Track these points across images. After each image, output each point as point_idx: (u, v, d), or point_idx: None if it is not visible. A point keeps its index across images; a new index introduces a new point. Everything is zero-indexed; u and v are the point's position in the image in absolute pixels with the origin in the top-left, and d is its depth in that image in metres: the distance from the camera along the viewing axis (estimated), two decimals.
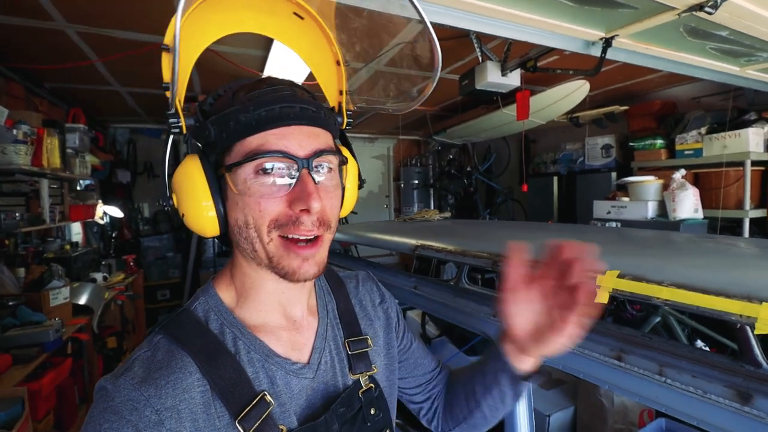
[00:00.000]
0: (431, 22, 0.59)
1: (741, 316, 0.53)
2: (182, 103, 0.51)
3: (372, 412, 0.58)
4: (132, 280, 3.58)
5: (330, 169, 0.52)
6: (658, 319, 1.96)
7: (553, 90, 3.09)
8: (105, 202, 3.75)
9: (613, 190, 3.36)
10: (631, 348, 0.69)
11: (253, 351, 0.52)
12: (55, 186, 2.80)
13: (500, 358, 0.61)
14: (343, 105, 0.61)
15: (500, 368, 0.61)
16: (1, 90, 2.60)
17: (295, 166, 0.48)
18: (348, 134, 0.62)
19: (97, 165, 3.46)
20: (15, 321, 1.89)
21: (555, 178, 4.21)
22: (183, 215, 0.51)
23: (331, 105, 0.62)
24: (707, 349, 1.90)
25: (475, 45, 2.31)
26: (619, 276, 0.68)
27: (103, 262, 3.27)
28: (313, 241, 0.50)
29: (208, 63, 2.66)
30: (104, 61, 2.62)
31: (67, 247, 3.02)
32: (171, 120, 0.49)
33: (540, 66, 2.27)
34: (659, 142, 3.17)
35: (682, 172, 2.70)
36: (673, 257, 0.85)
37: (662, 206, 2.79)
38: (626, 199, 3.00)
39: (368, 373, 0.61)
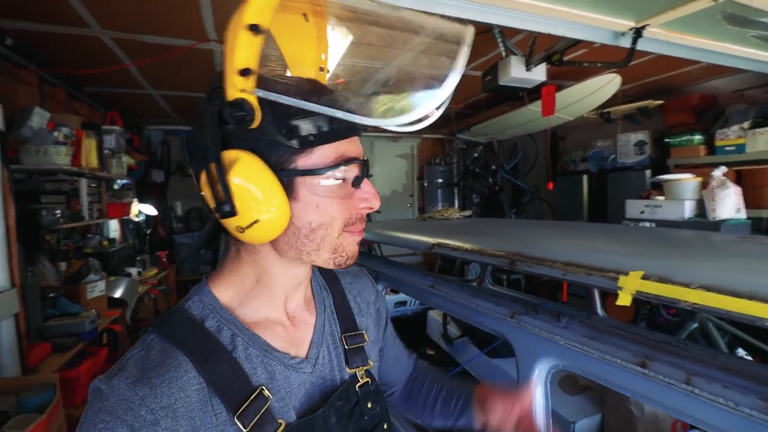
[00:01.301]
0: (454, 18, 0.58)
1: None
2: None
3: (369, 405, 0.59)
4: (164, 275, 3.74)
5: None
6: (695, 325, 1.85)
7: (582, 84, 2.98)
8: (140, 201, 3.93)
9: (647, 189, 3.21)
10: (656, 354, 0.65)
11: (252, 347, 0.52)
12: (93, 185, 2.95)
13: (469, 406, 0.73)
14: None
15: (466, 412, 0.73)
16: (45, 95, 2.76)
17: (361, 172, 0.52)
18: (371, 134, 0.63)
19: (132, 165, 3.63)
20: (55, 312, 2.02)
21: (585, 177, 4.06)
22: (254, 222, 0.46)
23: None
24: (749, 358, 1.78)
25: (499, 40, 2.26)
26: (644, 277, 0.65)
27: (137, 258, 3.42)
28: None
29: None
30: (137, 65, 2.74)
31: (105, 243, 3.18)
32: (238, 113, 0.43)
33: (566, 60, 2.19)
34: (697, 137, 3.00)
35: (723, 169, 2.54)
36: (704, 258, 0.80)
37: (701, 206, 2.64)
38: (661, 198, 2.85)
39: (364, 368, 0.62)
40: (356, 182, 0.52)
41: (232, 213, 0.45)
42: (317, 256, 0.52)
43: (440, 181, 5.94)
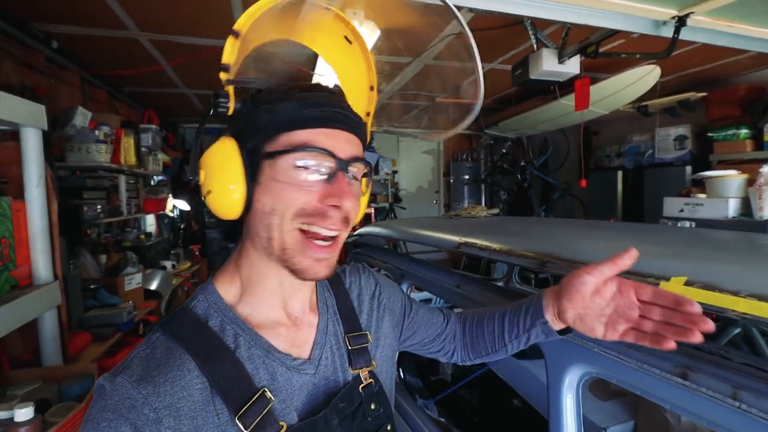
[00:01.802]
0: (484, 10, 0.61)
1: None
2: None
3: (372, 407, 0.58)
4: (197, 268, 3.87)
5: (356, 179, 0.55)
6: (737, 330, 1.74)
7: (618, 77, 2.85)
8: (175, 197, 4.07)
9: (687, 186, 3.05)
10: (699, 365, 0.61)
11: (254, 347, 0.52)
12: (131, 181, 3.09)
13: (540, 310, 0.65)
14: (368, 127, 0.64)
15: (538, 318, 0.66)
16: (87, 95, 2.91)
17: (334, 167, 0.51)
18: (396, 129, 0.66)
19: (167, 162, 3.77)
20: (95, 302, 2.12)
21: (619, 173, 3.90)
22: (208, 192, 0.52)
23: None
24: None
25: (530, 32, 2.19)
26: (687, 283, 0.61)
27: (172, 251, 3.55)
28: (331, 242, 0.52)
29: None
30: (172, 65, 2.83)
31: (142, 236, 3.32)
32: (220, 99, 0.51)
33: (602, 51, 2.10)
34: (744, 131, 2.82)
35: None
36: (751, 263, 0.74)
37: (746, 204, 2.48)
38: (703, 195, 2.70)
39: (368, 368, 0.61)
40: (330, 177, 0.51)
41: (194, 181, 0.53)
42: (275, 250, 0.51)
43: (467, 177, 5.85)
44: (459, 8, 1.40)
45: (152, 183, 3.78)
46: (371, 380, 0.60)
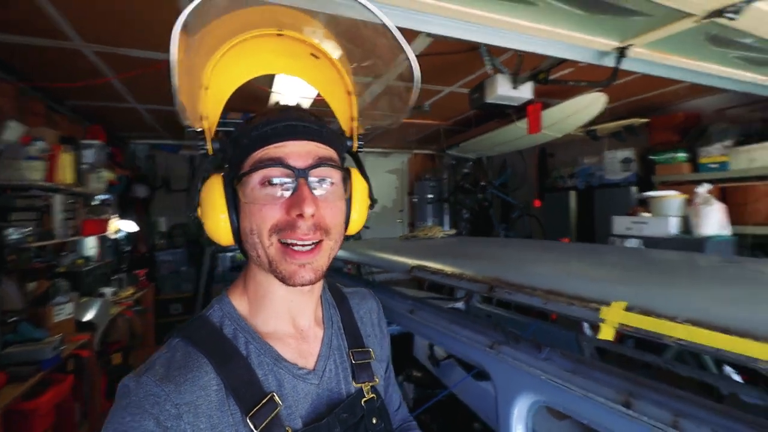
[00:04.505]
0: (440, 36, 0.66)
1: None
2: (212, 133, 0.58)
3: (374, 421, 0.60)
4: (142, 294, 3.60)
5: (332, 183, 0.57)
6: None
7: (569, 102, 3.00)
8: (123, 217, 3.81)
9: (633, 206, 3.21)
10: (641, 391, 0.60)
11: (263, 355, 0.56)
12: (70, 201, 2.86)
13: None
14: (354, 130, 0.67)
15: None
16: (23, 107, 2.69)
17: (293, 176, 0.53)
18: (362, 149, 0.69)
19: (112, 180, 3.53)
20: (15, 337, 1.89)
21: (573, 193, 4.06)
22: (204, 224, 0.57)
23: (344, 130, 0.69)
24: (738, 377, 1.74)
25: (485, 58, 2.26)
26: (627, 309, 0.60)
27: (113, 277, 3.30)
28: (312, 247, 0.54)
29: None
30: (120, 78, 2.69)
31: (80, 261, 3.07)
32: (199, 143, 0.57)
33: (552, 78, 2.19)
34: (681, 155, 3.02)
35: (707, 186, 2.54)
36: (691, 285, 0.76)
37: (686, 222, 2.64)
38: (647, 214, 2.85)
39: (371, 384, 0.63)
40: (295, 189, 0.53)
41: (195, 217, 0.57)
42: (265, 265, 0.55)
43: (430, 196, 5.91)
44: (417, 32, 1.42)
45: (95, 203, 3.53)
46: (373, 395, 0.62)
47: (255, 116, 0.58)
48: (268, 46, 0.64)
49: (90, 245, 3.54)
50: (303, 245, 0.53)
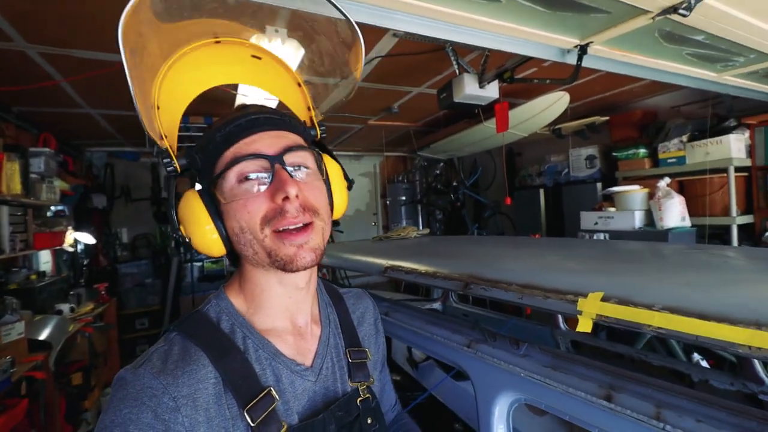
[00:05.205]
0: (406, 33, 0.66)
1: (750, 348, 0.43)
2: (175, 150, 0.58)
3: (369, 421, 0.61)
4: (103, 309, 3.39)
5: (308, 168, 0.57)
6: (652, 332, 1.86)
7: (534, 102, 3.07)
8: (79, 229, 3.58)
9: (599, 201, 3.31)
10: (622, 384, 0.59)
11: (261, 349, 0.56)
12: (18, 213, 2.65)
13: None
14: (314, 118, 0.68)
15: None
16: None
17: (268, 165, 0.53)
18: (325, 135, 0.68)
19: (66, 190, 3.31)
20: None
21: (541, 191, 4.16)
22: (189, 240, 0.56)
23: (305, 120, 0.68)
24: (705, 362, 1.80)
25: (452, 57, 2.27)
26: (603, 299, 0.59)
27: (71, 292, 3.08)
28: (304, 227, 0.54)
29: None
30: (69, 81, 2.52)
31: (33, 276, 2.85)
32: (165, 160, 0.56)
33: (517, 77, 2.23)
34: (642, 151, 3.14)
35: (667, 180, 2.66)
36: (664, 274, 0.76)
37: (649, 215, 2.74)
38: (613, 209, 2.95)
39: (366, 383, 0.64)
40: (273, 177, 0.53)
41: (179, 236, 0.57)
42: (264, 259, 0.54)
43: (404, 198, 5.91)
44: (385, 30, 1.40)
45: (48, 214, 3.30)
46: (368, 395, 0.63)
47: (216, 120, 0.59)
48: (209, 56, 0.64)
49: (44, 259, 3.29)
50: (296, 227, 0.53)
